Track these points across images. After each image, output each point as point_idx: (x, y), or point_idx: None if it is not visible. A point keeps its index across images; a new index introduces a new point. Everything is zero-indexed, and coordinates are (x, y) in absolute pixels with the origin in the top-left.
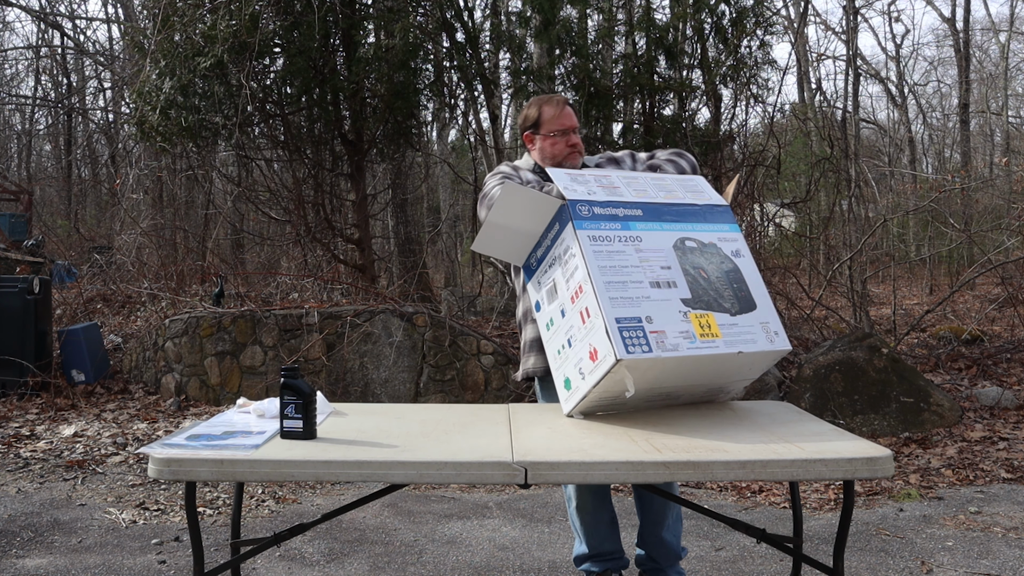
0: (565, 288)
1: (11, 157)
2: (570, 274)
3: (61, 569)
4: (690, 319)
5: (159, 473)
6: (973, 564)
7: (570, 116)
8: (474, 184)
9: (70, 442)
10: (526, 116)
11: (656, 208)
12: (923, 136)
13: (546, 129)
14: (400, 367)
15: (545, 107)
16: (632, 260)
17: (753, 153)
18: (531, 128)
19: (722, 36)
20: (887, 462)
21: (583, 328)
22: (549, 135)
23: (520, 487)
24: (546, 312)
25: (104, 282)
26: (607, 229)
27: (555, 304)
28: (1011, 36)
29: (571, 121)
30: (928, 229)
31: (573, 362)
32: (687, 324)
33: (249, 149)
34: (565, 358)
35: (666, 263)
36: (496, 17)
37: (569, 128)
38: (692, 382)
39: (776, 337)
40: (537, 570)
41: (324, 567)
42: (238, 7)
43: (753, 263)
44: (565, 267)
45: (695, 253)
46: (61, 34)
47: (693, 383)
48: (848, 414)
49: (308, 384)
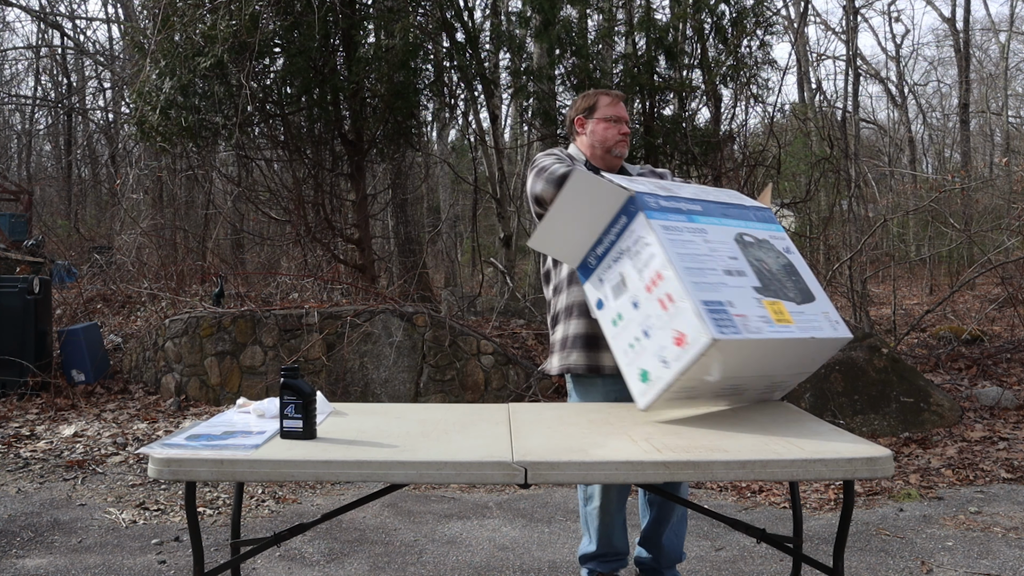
0: (638, 279)
1: (11, 157)
2: (644, 264)
3: (61, 569)
4: (764, 305)
5: (159, 473)
6: (973, 564)
7: (623, 108)
8: (474, 184)
9: (70, 442)
10: (582, 102)
11: (713, 205)
12: (923, 136)
13: (601, 114)
14: (400, 367)
15: (603, 96)
16: (703, 249)
17: (753, 153)
18: (585, 112)
19: (722, 36)
20: (887, 462)
21: (664, 315)
22: (604, 119)
23: (520, 487)
24: (611, 308)
25: (104, 282)
26: (675, 220)
27: (624, 298)
28: (1011, 36)
29: (624, 112)
30: (928, 229)
31: (652, 352)
32: (763, 310)
33: (249, 149)
34: (641, 350)
35: (732, 254)
36: (496, 17)
37: (622, 117)
38: (765, 371)
39: (838, 326)
40: (537, 570)
41: (324, 567)
42: (238, 7)
43: (802, 259)
44: (636, 258)
45: (754, 247)
46: (61, 34)
47: (765, 372)
48: (848, 414)
49: (308, 384)
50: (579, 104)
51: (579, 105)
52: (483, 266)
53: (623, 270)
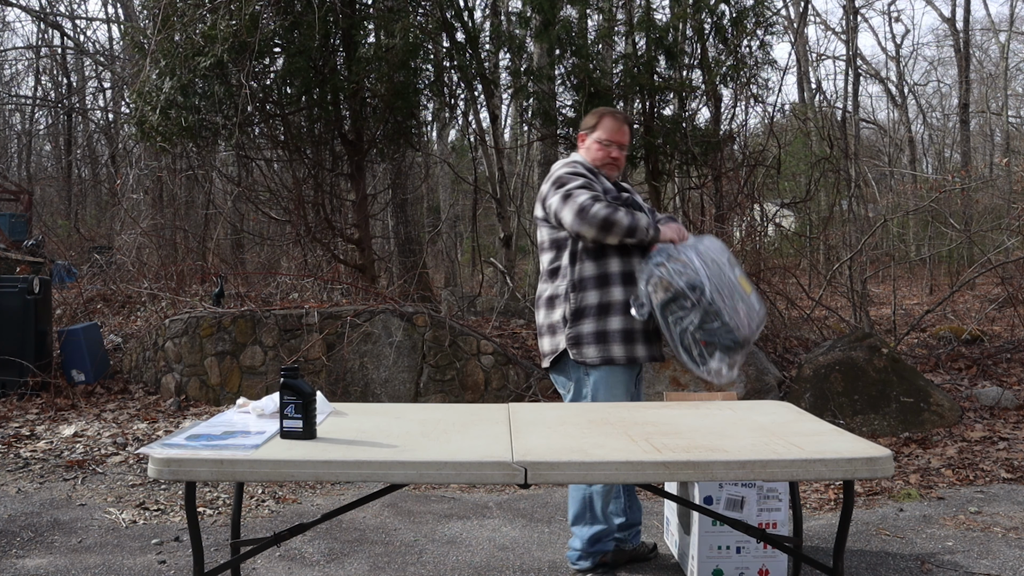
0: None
1: (11, 157)
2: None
3: (61, 569)
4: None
5: (159, 473)
6: (973, 564)
7: (624, 133)
8: (474, 184)
9: (70, 442)
10: (589, 118)
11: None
12: (923, 136)
13: (599, 135)
14: (400, 367)
15: (607, 118)
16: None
17: (753, 153)
18: (587, 130)
19: (722, 36)
20: (887, 462)
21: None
22: (599, 140)
23: (520, 487)
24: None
25: (104, 282)
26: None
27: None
28: (1011, 36)
29: (623, 138)
30: (928, 229)
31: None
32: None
33: (249, 149)
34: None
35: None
36: (496, 17)
37: (618, 142)
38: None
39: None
40: (537, 570)
41: (324, 567)
42: (238, 7)
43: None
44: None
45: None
46: (61, 34)
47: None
48: (848, 414)
49: (308, 384)
50: (587, 120)
51: (586, 121)
52: (483, 266)
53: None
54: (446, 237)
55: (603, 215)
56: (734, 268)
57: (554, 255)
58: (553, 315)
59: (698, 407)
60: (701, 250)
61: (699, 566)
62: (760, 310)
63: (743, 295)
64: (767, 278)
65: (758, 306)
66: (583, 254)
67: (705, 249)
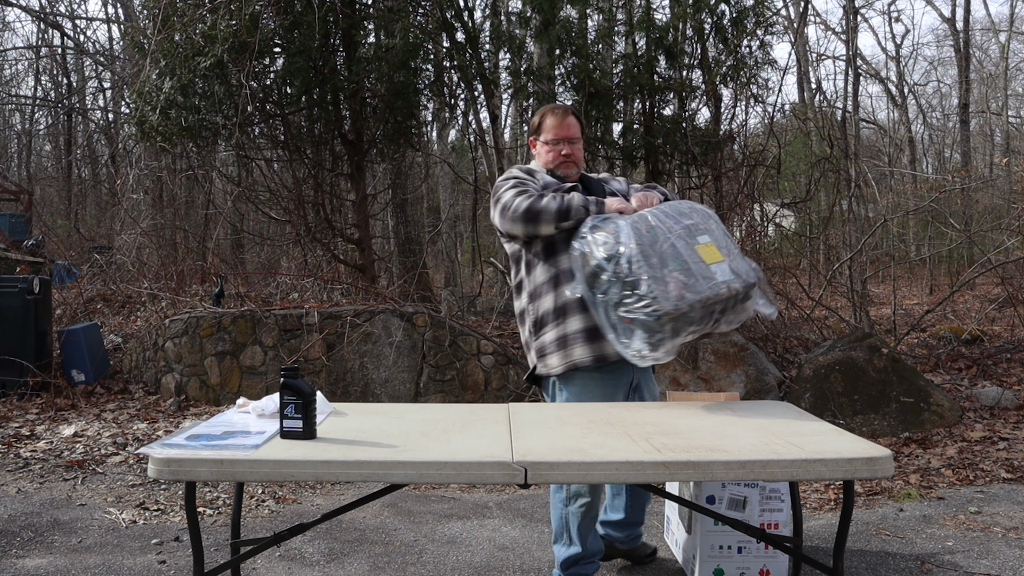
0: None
1: (11, 157)
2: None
3: (61, 569)
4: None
5: (159, 473)
6: (973, 564)
7: (570, 127)
8: (474, 184)
9: (70, 442)
10: (533, 120)
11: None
12: (923, 136)
13: (544, 137)
14: (400, 367)
15: (548, 116)
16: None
17: (753, 153)
18: (534, 134)
19: (722, 36)
20: (887, 462)
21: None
22: (546, 143)
23: (520, 487)
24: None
25: (104, 282)
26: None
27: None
28: (1011, 36)
29: (569, 132)
30: (928, 229)
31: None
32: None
33: (249, 149)
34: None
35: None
36: (496, 17)
37: (565, 138)
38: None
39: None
40: (537, 570)
41: (324, 567)
42: (238, 7)
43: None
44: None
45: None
46: (61, 34)
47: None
48: (848, 414)
49: (308, 384)
50: (532, 122)
51: (532, 124)
52: (483, 266)
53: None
54: (446, 237)
55: (524, 206)
56: (697, 235)
57: (515, 269)
58: (524, 331)
59: (698, 407)
60: (650, 217)
61: (700, 566)
62: (721, 280)
63: (692, 263)
64: (767, 278)
65: (724, 276)
66: (534, 259)
67: (659, 214)
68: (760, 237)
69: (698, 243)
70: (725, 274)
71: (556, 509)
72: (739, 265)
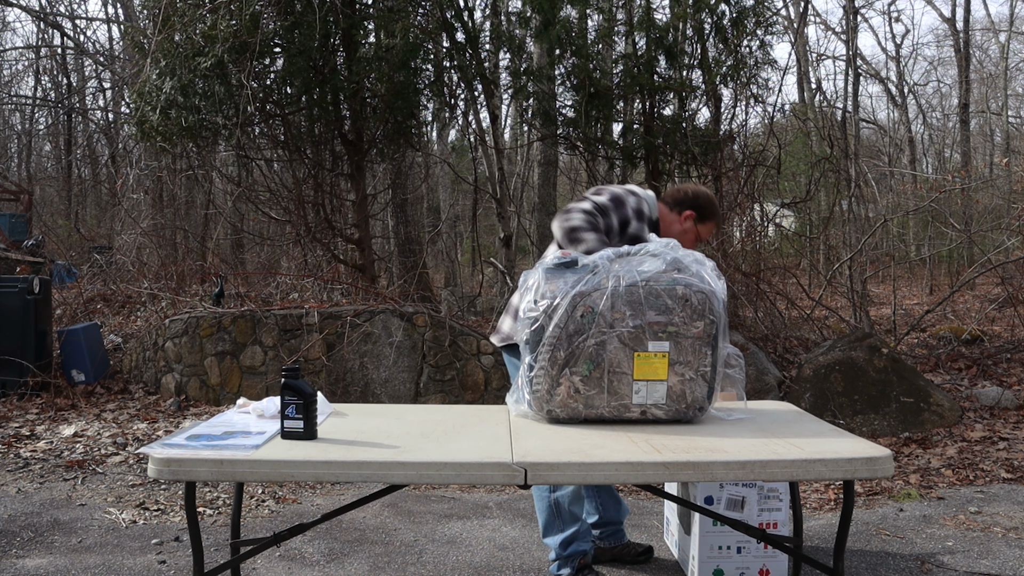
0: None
1: (11, 157)
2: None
3: (61, 569)
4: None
5: (159, 473)
6: (973, 564)
7: (710, 232)
8: (474, 184)
9: (70, 442)
10: (707, 208)
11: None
12: (923, 136)
13: (701, 229)
14: (400, 367)
15: (715, 220)
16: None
17: (753, 153)
18: (697, 216)
19: (722, 36)
20: (887, 462)
21: None
22: (697, 236)
23: (520, 488)
24: None
25: (104, 282)
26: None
27: None
28: (1011, 36)
29: (708, 236)
30: (928, 229)
31: None
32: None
33: (249, 149)
34: None
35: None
36: (496, 17)
37: (703, 240)
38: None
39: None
40: (537, 570)
41: (324, 567)
42: (238, 7)
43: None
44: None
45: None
46: (61, 34)
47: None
48: (848, 414)
49: (309, 384)
50: (705, 206)
51: (704, 205)
52: (483, 266)
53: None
54: (446, 237)
55: (569, 226)
56: (652, 339)
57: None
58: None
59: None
60: (609, 298)
61: (699, 566)
62: (637, 404)
63: (608, 374)
64: (767, 278)
65: (646, 399)
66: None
67: (629, 294)
68: (760, 237)
69: (645, 350)
70: (652, 397)
71: (542, 501)
72: (693, 389)
